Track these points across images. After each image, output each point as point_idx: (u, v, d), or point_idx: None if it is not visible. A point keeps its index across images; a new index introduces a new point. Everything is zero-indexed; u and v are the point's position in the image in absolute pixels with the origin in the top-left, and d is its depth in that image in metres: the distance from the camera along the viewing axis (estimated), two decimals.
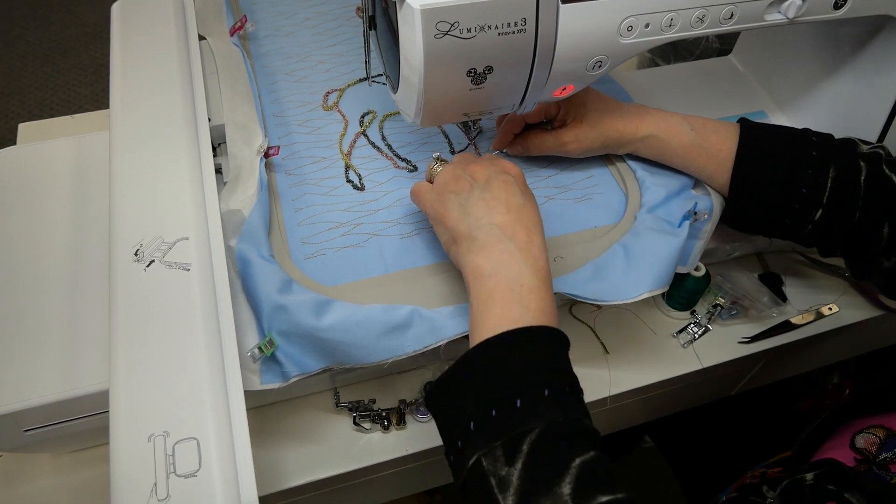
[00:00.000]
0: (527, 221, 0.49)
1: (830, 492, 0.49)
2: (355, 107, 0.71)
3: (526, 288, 0.45)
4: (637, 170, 0.65)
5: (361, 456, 0.59)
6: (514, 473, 0.39)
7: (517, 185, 0.52)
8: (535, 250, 0.48)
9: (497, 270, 0.46)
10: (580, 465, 0.39)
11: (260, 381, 0.52)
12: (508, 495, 0.38)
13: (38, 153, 0.67)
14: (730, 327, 0.70)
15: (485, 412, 0.41)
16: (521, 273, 0.46)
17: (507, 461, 0.39)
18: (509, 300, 0.45)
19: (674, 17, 0.52)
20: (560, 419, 0.40)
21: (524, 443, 0.39)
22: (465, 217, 0.50)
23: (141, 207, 0.53)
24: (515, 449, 0.39)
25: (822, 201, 0.56)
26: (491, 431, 0.40)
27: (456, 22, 0.45)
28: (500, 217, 0.49)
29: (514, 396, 0.41)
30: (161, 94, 0.61)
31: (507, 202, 0.50)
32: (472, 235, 0.49)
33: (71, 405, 0.51)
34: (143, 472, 0.41)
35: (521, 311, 0.45)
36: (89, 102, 2.01)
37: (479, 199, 0.50)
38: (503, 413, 0.40)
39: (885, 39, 0.62)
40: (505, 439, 0.39)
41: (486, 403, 0.41)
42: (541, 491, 0.38)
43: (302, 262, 0.58)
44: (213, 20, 0.75)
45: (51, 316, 0.55)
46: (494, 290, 0.46)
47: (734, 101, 0.76)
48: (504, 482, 0.39)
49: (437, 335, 0.52)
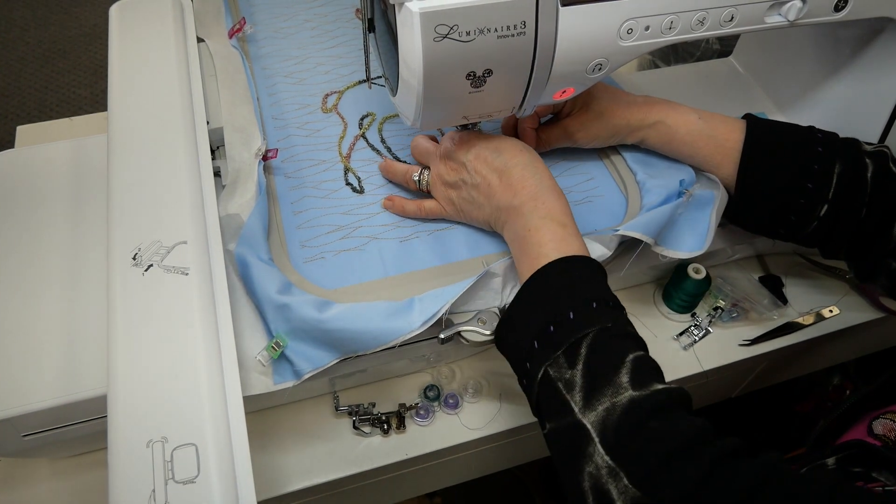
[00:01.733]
0: (519, 172, 0.54)
1: (856, 474, 0.49)
2: (354, 109, 0.71)
3: (532, 230, 0.51)
4: (637, 172, 0.65)
5: (361, 460, 0.59)
6: (577, 374, 0.44)
7: (486, 148, 0.56)
8: (536, 196, 0.53)
9: (514, 233, 0.53)
10: (633, 359, 0.44)
11: (273, 381, 0.52)
12: (575, 392, 0.44)
13: (36, 156, 0.67)
14: (730, 330, 0.70)
15: (544, 330, 0.46)
16: (525, 222, 0.52)
17: (570, 364, 0.45)
18: (525, 249, 0.51)
19: (674, 20, 0.51)
20: (610, 324, 0.46)
21: (582, 346, 0.45)
22: (480, 208, 0.56)
23: (139, 211, 0.53)
24: (575, 353, 0.45)
25: (828, 197, 0.56)
26: (552, 343, 0.46)
27: (455, 25, 0.45)
28: (497, 188, 0.54)
29: (566, 311, 0.46)
30: (159, 97, 0.61)
31: (491, 172, 0.55)
32: (495, 217, 0.56)
33: (69, 410, 0.51)
34: (142, 478, 0.40)
35: (536, 249, 0.50)
36: (89, 104, 2.00)
37: (475, 190, 0.56)
38: (560, 327, 0.46)
39: (885, 41, 0.62)
40: (565, 347, 0.45)
41: (544, 322, 0.47)
42: (602, 383, 0.43)
43: (301, 265, 0.58)
44: (211, 22, 0.75)
45: (49, 320, 0.54)
46: (517, 249, 0.53)
47: (734, 103, 0.76)
48: (570, 383, 0.44)
49: (442, 299, 0.53)
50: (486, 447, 0.64)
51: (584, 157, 0.68)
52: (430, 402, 0.62)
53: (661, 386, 0.43)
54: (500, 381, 0.65)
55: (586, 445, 0.42)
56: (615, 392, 0.42)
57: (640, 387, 0.43)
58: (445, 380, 0.65)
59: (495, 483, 1.09)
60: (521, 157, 0.55)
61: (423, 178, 0.61)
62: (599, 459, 0.41)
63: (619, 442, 0.41)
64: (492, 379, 0.65)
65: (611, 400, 0.42)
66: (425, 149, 0.62)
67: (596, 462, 0.41)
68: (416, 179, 0.61)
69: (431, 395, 0.63)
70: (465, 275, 0.57)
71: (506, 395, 0.64)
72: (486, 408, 0.63)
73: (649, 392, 0.42)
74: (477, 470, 0.71)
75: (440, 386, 0.64)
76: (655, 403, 0.42)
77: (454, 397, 0.63)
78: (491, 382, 0.65)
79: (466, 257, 0.59)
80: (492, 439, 0.63)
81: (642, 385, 0.43)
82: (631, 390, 0.42)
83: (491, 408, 0.63)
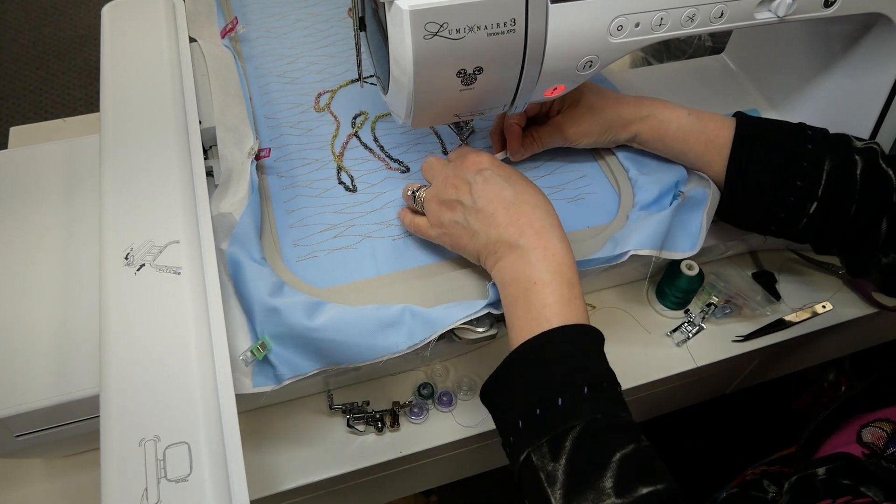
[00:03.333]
0: (528, 210, 0.51)
1: (845, 486, 0.49)
2: (347, 108, 0.71)
3: (539, 285, 0.48)
4: (630, 169, 0.65)
5: (355, 458, 0.59)
6: (559, 469, 0.41)
7: (498, 176, 0.53)
8: (545, 241, 0.49)
9: (513, 276, 0.49)
10: (620, 458, 0.41)
11: (252, 383, 0.52)
12: (556, 489, 0.41)
13: (28, 157, 0.67)
14: (724, 326, 0.70)
15: (531, 411, 0.44)
16: (531, 272, 0.48)
17: (553, 457, 0.42)
18: (526, 301, 0.48)
19: (664, 17, 0.52)
20: (599, 415, 0.43)
21: (567, 440, 0.42)
22: (474, 236, 0.52)
23: (131, 211, 0.53)
24: (559, 445, 0.42)
25: (818, 194, 0.56)
26: (537, 429, 0.43)
27: (445, 23, 0.45)
28: (502, 219, 0.51)
29: (554, 396, 0.43)
30: (151, 97, 0.60)
31: (498, 202, 0.51)
32: (489, 250, 0.52)
33: (62, 410, 0.51)
34: (134, 477, 0.40)
35: (539, 308, 0.47)
36: (83, 105, 2.00)
37: (474, 215, 0.52)
38: (546, 412, 0.43)
39: (875, 37, 0.62)
40: (549, 436, 0.42)
41: (531, 403, 0.44)
42: (585, 486, 0.40)
43: (294, 264, 0.58)
44: (203, 22, 0.75)
45: (42, 320, 0.54)
46: (515, 295, 0.49)
47: (727, 100, 0.76)
48: (551, 477, 0.42)
49: (430, 328, 0.52)
50: (481, 444, 0.64)
51: (576, 155, 0.68)
52: (424, 399, 0.62)
53: (647, 490, 0.40)
54: None
55: None
56: (597, 498, 0.40)
57: (624, 493, 0.40)
58: (439, 378, 0.65)
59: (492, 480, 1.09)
60: (534, 195, 0.52)
61: (420, 193, 0.57)
62: None
63: None
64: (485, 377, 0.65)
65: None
66: (431, 165, 0.59)
67: None
68: (412, 193, 0.58)
69: (425, 392, 0.63)
70: (457, 273, 0.57)
71: None
72: (480, 405, 0.62)
73: (633, 499, 0.40)
74: (472, 468, 0.71)
75: (434, 384, 0.64)
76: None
77: (448, 395, 0.63)
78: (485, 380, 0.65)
79: (458, 256, 0.59)
80: (486, 437, 0.63)
81: (626, 491, 0.40)
82: (614, 497, 0.40)
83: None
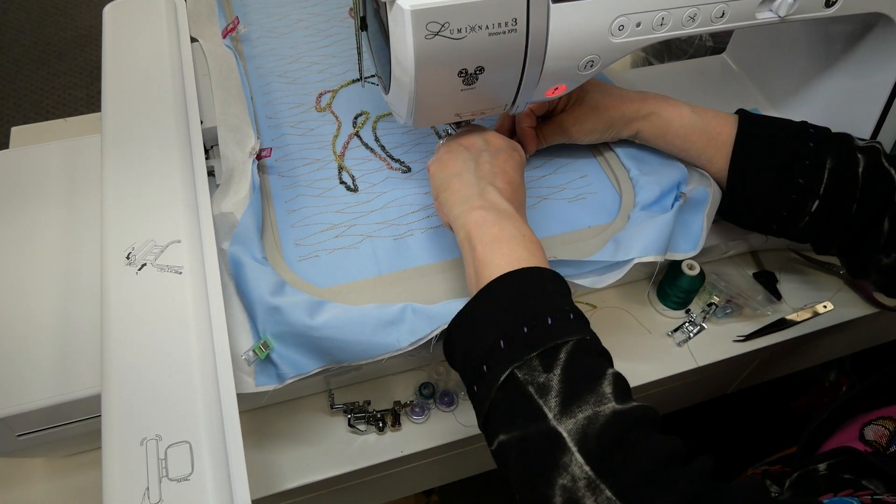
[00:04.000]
0: (521, 199, 0.54)
1: (846, 480, 0.48)
2: (348, 108, 0.71)
3: (528, 239, 0.49)
4: (631, 168, 0.65)
5: (357, 458, 0.59)
6: (553, 378, 0.41)
7: (520, 166, 0.56)
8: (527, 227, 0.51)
9: (501, 221, 0.50)
10: (613, 374, 0.42)
11: (255, 382, 0.52)
12: (550, 398, 0.40)
13: (30, 157, 0.67)
14: (725, 326, 0.70)
15: (515, 330, 0.43)
16: (521, 227, 0.50)
17: (545, 368, 0.41)
18: (516, 244, 0.48)
19: (665, 16, 0.52)
20: (588, 337, 0.44)
21: (561, 352, 0.42)
22: (472, 171, 0.53)
23: (133, 210, 0.53)
24: (553, 357, 0.42)
25: (819, 192, 0.56)
26: (525, 345, 0.42)
27: (446, 22, 0.45)
28: (502, 184, 0.52)
29: (544, 315, 0.44)
30: (153, 97, 0.61)
31: (510, 175, 0.54)
32: (478, 191, 0.52)
33: (64, 409, 0.51)
34: (136, 477, 0.40)
35: (527, 253, 0.48)
36: (85, 105, 2.00)
37: (487, 161, 0.54)
38: (536, 329, 0.43)
39: (876, 37, 0.62)
40: (541, 350, 0.42)
41: (516, 323, 0.43)
42: (584, 391, 0.40)
43: (295, 263, 0.58)
44: (205, 22, 0.75)
45: (43, 319, 0.55)
46: (500, 235, 0.49)
47: (728, 100, 0.76)
48: (544, 387, 0.41)
49: (432, 324, 0.52)
50: (482, 444, 0.64)
51: (577, 154, 0.68)
52: (425, 399, 0.63)
53: (638, 403, 0.41)
54: None
55: (560, 455, 0.39)
56: (598, 401, 0.40)
57: (623, 400, 0.40)
58: (440, 377, 0.65)
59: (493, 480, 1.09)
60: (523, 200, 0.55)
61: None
62: (577, 470, 0.38)
63: (603, 453, 0.38)
64: None
65: (593, 409, 0.40)
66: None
67: (573, 473, 0.38)
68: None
69: (426, 392, 0.63)
70: (459, 272, 0.57)
71: None
72: None
73: (630, 406, 0.40)
74: (473, 467, 0.71)
75: (435, 383, 0.64)
76: (638, 418, 0.40)
77: (449, 395, 0.63)
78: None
79: (460, 255, 0.59)
80: None
81: (624, 399, 0.41)
82: (614, 402, 0.40)
83: None
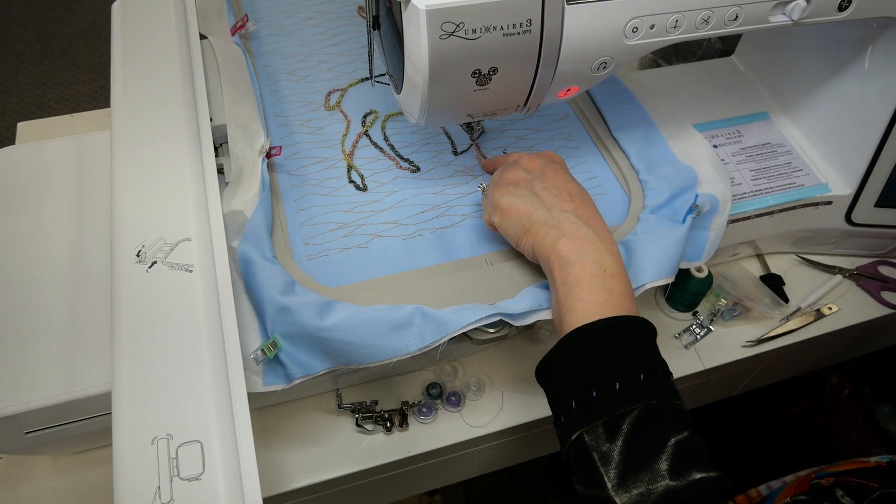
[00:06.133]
0: (590, 207, 0.53)
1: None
2: (357, 107, 0.71)
3: (608, 273, 0.48)
4: (640, 170, 0.65)
5: (364, 457, 0.59)
6: (614, 450, 0.42)
7: (565, 171, 0.55)
8: (609, 236, 0.51)
9: (581, 257, 0.49)
10: (676, 443, 0.42)
11: (263, 382, 0.52)
12: (610, 468, 0.42)
13: (37, 153, 0.67)
14: (732, 328, 0.70)
15: (586, 393, 0.44)
16: (603, 259, 0.49)
17: (609, 438, 0.43)
18: (595, 285, 0.48)
19: (679, 19, 0.52)
20: (656, 401, 0.43)
21: (624, 422, 0.43)
22: (537, 205, 0.52)
23: (143, 208, 0.53)
24: (616, 427, 0.43)
25: None
26: (592, 410, 0.44)
27: (461, 23, 0.45)
28: (568, 205, 0.52)
29: (612, 380, 0.44)
30: (162, 94, 0.60)
31: (567, 189, 0.53)
32: (551, 223, 0.51)
33: (73, 407, 0.51)
34: (147, 476, 0.40)
35: (605, 295, 0.47)
36: (87, 101, 2.00)
37: (542, 189, 0.53)
38: (603, 395, 0.44)
39: (888, 41, 0.62)
40: (606, 418, 0.43)
41: (586, 385, 0.44)
42: (640, 467, 0.41)
43: (304, 263, 0.58)
44: (214, 19, 0.75)
45: (52, 317, 0.54)
46: (581, 276, 0.48)
47: (736, 103, 0.76)
48: (606, 457, 0.42)
49: (441, 331, 0.52)
50: (489, 445, 0.64)
51: (586, 155, 0.68)
52: (432, 399, 0.62)
53: (701, 475, 0.41)
54: (502, 378, 0.65)
55: None
56: (652, 479, 0.41)
57: (679, 476, 0.41)
58: (448, 377, 0.65)
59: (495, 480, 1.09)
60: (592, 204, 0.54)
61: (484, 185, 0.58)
62: None
63: None
64: (495, 377, 0.65)
65: (647, 486, 0.41)
66: (495, 159, 0.63)
67: None
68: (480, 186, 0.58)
69: (434, 392, 0.63)
70: (468, 273, 0.57)
71: (508, 393, 0.64)
72: (489, 405, 0.63)
73: (687, 483, 0.41)
74: (480, 468, 0.71)
75: (443, 384, 0.64)
76: (691, 496, 0.40)
77: (457, 395, 0.63)
78: (494, 380, 0.65)
79: (469, 255, 0.59)
80: (494, 437, 0.63)
81: (681, 475, 0.41)
82: (669, 479, 0.41)
83: (494, 406, 0.63)
